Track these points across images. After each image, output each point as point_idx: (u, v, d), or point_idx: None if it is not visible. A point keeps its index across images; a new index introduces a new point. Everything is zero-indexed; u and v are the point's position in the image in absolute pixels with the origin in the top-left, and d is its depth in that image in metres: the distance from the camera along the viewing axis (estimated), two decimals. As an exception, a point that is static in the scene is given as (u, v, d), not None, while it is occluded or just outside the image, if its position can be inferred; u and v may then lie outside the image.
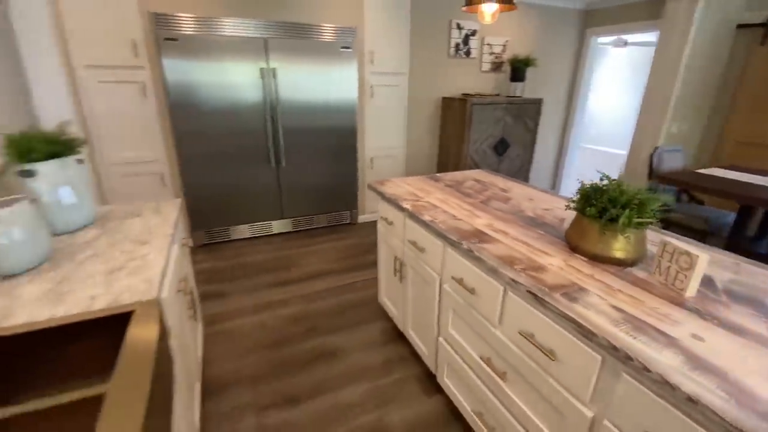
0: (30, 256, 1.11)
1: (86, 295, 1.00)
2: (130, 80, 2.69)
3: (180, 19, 2.65)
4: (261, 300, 2.46)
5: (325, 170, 3.47)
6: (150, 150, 2.89)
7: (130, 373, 0.74)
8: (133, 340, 0.83)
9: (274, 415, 1.63)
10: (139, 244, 1.30)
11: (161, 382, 0.84)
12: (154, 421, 0.72)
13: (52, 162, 1.32)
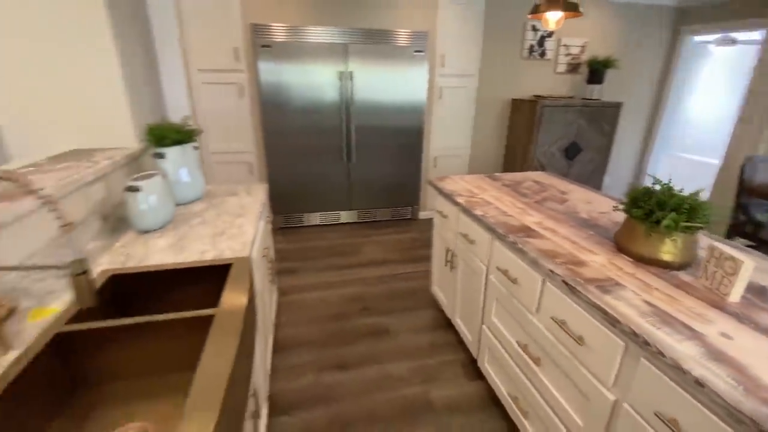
0: (161, 218, 1.46)
1: (198, 249, 1.30)
2: (230, 82, 3.15)
3: (274, 29, 3.03)
4: (325, 279, 2.74)
5: (391, 167, 3.68)
6: (242, 142, 3.34)
7: (232, 302, 0.99)
8: (233, 281, 1.09)
9: (329, 376, 1.87)
10: (236, 217, 1.61)
11: (249, 317, 1.09)
12: (245, 339, 0.96)
13: (177, 147, 1.68)
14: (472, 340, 1.85)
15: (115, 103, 1.72)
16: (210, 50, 2.99)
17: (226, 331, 0.89)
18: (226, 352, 0.82)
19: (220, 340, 0.86)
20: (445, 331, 2.20)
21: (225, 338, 0.87)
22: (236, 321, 0.93)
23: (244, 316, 0.95)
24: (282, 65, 3.12)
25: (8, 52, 1.55)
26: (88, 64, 1.64)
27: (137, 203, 1.38)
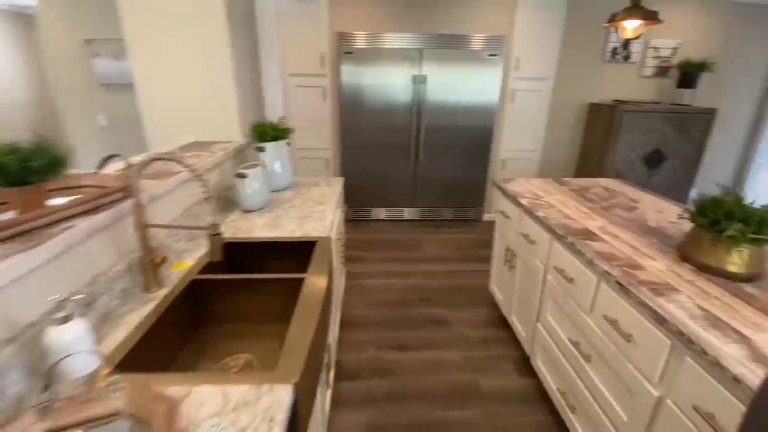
0: (260, 201, 1.76)
1: (289, 228, 1.57)
2: (315, 85, 3.49)
3: (356, 36, 3.30)
4: (388, 269, 2.94)
5: (458, 168, 3.78)
6: (322, 140, 3.68)
7: (317, 270, 1.22)
8: (317, 255, 1.32)
9: (388, 354, 2.06)
10: (318, 204, 1.86)
11: (329, 285, 1.32)
12: (326, 300, 1.17)
13: (274, 143, 1.99)
14: (526, 337, 1.92)
15: (227, 104, 2.08)
16: (300, 57, 3.35)
17: (314, 292, 1.11)
18: (314, 308, 1.04)
19: (309, 299, 1.08)
20: (499, 328, 2.28)
21: (313, 297, 1.09)
22: (321, 285, 1.15)
23: (327, 282, 1.17)
24: (361, 70, 3.38)
25: (150, 66, 1.96)
26: (210, 74, 2.00)
27: (244, 187, 1.69)
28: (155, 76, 2.00)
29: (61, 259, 0.87)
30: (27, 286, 0.78)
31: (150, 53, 1.96)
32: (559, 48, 3.46)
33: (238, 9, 2.06)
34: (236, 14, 2.04)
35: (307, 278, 1.18)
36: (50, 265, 0.84)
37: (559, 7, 3.32)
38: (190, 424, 0.68)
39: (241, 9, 2.11)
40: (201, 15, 1.90)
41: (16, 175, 0.89)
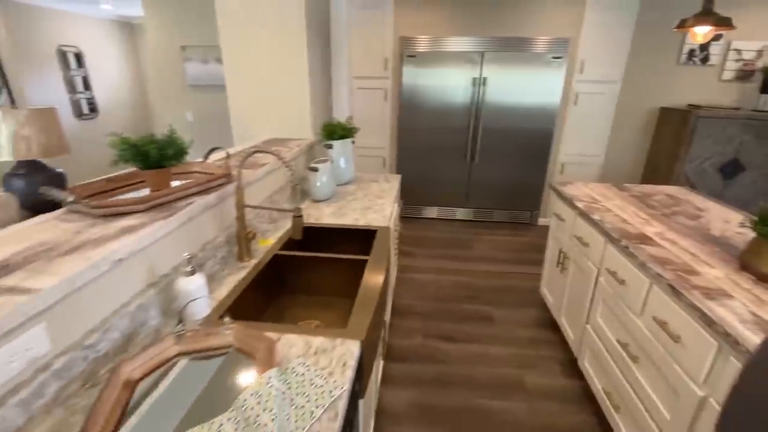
0: (327, 192, 1.96)
1: (353, 217, 1.74)
2: (377, 87, 3.68)
3: (418, 40, 3.43)
4: (438, 265, 3.05)
5: (514, 170, 3.77)
6: (380, 139, 3.87)
7: (378, 254, 1.38)
8: (378, 241, 1.48)
9: (434, 343, 2.18)
10: (378, 198, 2.03)
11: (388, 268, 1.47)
12: (386, 280, 1.33)
13: (341, 141, 2.19)
14: (575, 339, 1.94)
15: (301, 105, 2.31)
16: (365, 61, 3.56)
17: (375, 273, 1.27)
18: (376, 286, 1.19)
19: (372, 278, 1.24)
20: (547, 330, 2.30)
21: (375, 277, 1.24)
22: (382, 267, 1.30)
23: (386, 265, 1.33)
24: (421, 72, 3.52)
25: (238, 71, 2.25)
26: (288, 78, 2.25)
27: (315, 180, 1.90)
28: (242, 80, 2.28)
29: (185, 227, 1.10)
30: (163, 245, 1.02)
31: (239, 60, 2.24)
32: (629, 50, 3.33)
33: (315, 21, 2.29)
34: (314, 26, 2.27)
35: (369, 260, 1.34)
36: (178, 231, 1.08)
37: (630, 8, 3.20)
38: (283, 359, 0.87)
39: (317, 20, 2.33)
40: (284, 27, 2.15)
41: (154, 160, 1.14)
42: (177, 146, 1.18)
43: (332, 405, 0.75)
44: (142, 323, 0.94)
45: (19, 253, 0.81)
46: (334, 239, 1.66)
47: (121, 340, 0.88)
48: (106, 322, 0.84)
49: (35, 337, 0.69)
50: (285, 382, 0.78)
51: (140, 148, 1.12)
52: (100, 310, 0.83)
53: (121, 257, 0.86)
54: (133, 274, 0.92)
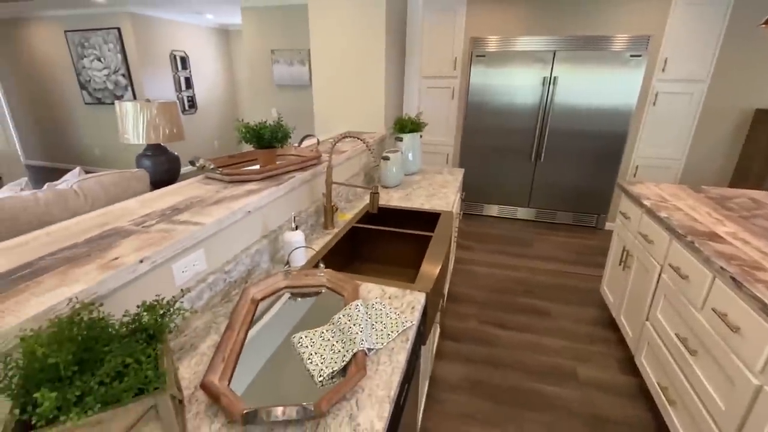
0: (396, 180, 2.17)
1: (418, 202, 1.93)
2: (445, 86, 3.83)
3: (489, 40, 3.52)
4: (495, 260, 3.12)
5: (582, 171, 3.69)
6: (445, 136, 4.01)
7: (441, 233, 1.55)
8: (441, 223, 1.65)
9: (488, 329, 2.28)
10: (441, 187, 2.19)
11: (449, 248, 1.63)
12: (446, 256, 1.49)
13: (411, 135, 2.38)
14: (633, 336, 1.94)
15: (377, 102, 2.55)
16: (435, 60, 3.73)
17: (438, 246, 1.44)
18: (439, 256, 1.36)
19: (436, 249, 1.41)
20: (605, 328, 2.29)
21: (438, 249, 1.41)
22: (445, 242, 1.47)
23: (448, 242, 1.49)
24: (490, 72, 3.59)
25: (323, 71, 2.54)
26: (366, 78, 2.49)
27: (386, 167, 2.12)
28: (326, 80, 2.58)
29: (288, 195, 1.37)
30: (274, 207, 1.29)
31: (325, 63, 2.54)
32: (719, 47, 3.11)
33: (393, 26, 2.51)
34: (391, 31, 2.49)
35: (434, 236, 1.51)
36: (283, 197, 1.34)
37: (721, 2, 3.00)
38: (363, 298, 1.08)
39: (395, 25, 2.55)
40: (366, 35, 2.40)
41: (266, 141, 1.42)
42: (284, 131, 1.45)
43: (404, 332, 0.94)
44: (257, 264, 1.21)
45: (181, 202, 1.11)
46: (402, 219, 1.86)
47: (245, 273, 1.15)
48: (237, 257, 1.11)
49: (198, 257, 0.97)
50: (367, 313, 0.99)
51: (257, 131, 1.41)
52: (233, 248, 1.11)
53: (249, 210, 1.13)
54: (254, 225, 1.19)
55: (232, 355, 0.83)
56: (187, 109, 5.80)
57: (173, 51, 5.41)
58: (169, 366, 0.61)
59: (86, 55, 5.10)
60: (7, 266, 0.75)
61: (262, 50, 4.42)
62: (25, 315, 0.60)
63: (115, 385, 0.52)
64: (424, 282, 1.17)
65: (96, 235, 0.88)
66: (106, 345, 0.56)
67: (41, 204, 1.88)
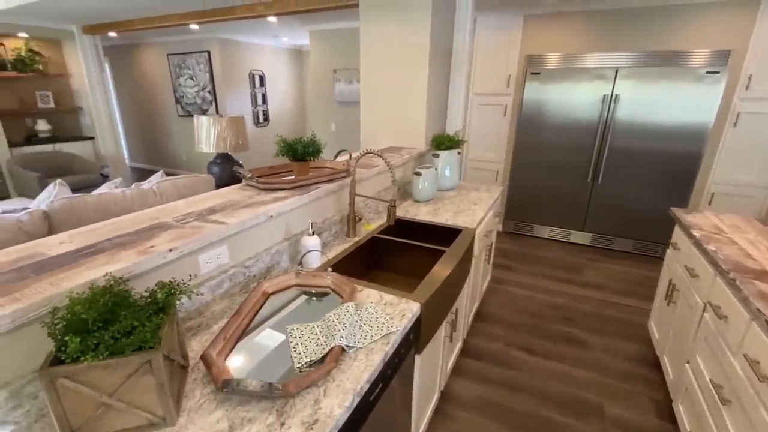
0: (428, 195, 2.24)
1: (444, 217, 1.98)
2: (497, 103, 3.80)
3: (547, 58, 3.44)
4: (536, 283, 3.01)
5: (645, 195, 3.41)
6: (494, 153, 3.97)
7: (456, 250, 1.59)
8: (460, 239, 1.69)
9: (514, 352, 2.22)
10: (473, 204, 2.21)
11: (464, 266, 1.66)
12: (455, 272, 1.53)
13: (447, 151, 2.44)
14: (673, 378, 1.77)
15: (418, 120, 2.65)
16: (488, 78, 3.74)
17: (448, 261, 1.48)
18: (445, 270, 1.41)
19: (444, 264, 1.46)
20: (647, 366, 2.10)
21: (447, 264, 1.46)
22: (456, 258, 1.51)
23: (459, 259, 1.53)
24: (545, 89, 3.51)
25: (370, 90, 2.71)
26: (409, 98, 2.61)
27: (418, 183, 2.20)
28: (372, 99, 2.74)
29: (313, 203, 1.52)
30: (298, 214, 1.45)
31: (372, 84, 2.71)
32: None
33: (439, 49, 2.61)
34: (437, 53, 2.59)
35: (447, 251, 1.56)
36: (308, 205, 1.50)
37: (827, 11, 2.63)
38: (360, 302, 1.17)
39: (442, 47, 2.65)
40: (410, 60, 2.52)
41: (300, 154, 1.60)
42: (315, 146, 1.62)
43: (386, 336, 1.02)
44: (277, 263, 1.37)
45: (219, 204, 1.31)
46: (424, 233, 1.93)
47: (264, 269, 1.31)
48: (257, 255, 1.28)
49: (222, 252, 1.15)
50: (358, 313, 1.08)
51: (291, 145, 1.59)
52: (255, 247, 1.27)
53: (272, 215, 1.29)
54: (277, 228, 1.36)
55: (233, 336, 0.97)
56: (261, 122, 6.41)
57: (252, 70, 6.05)
58: (169, 334, 0.77)
59: (182, 74, 5.92)
60: (78, 245, 0.97)
61: (325, 69, 4.77)
62: (76, 282, 0.79)
63: (123, 340, 0.68)
64: (422, 293, 1.24)
65: (145, 227, 1.10)
66: (125, 310, 0.73)
67: (127, 199, 2.27)
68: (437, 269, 1.41)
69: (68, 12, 3.99)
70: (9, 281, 0.80)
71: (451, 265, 1.45)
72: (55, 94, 5.00)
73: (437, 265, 1.43)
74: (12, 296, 0.74)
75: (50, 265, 0.87)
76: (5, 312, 0.70)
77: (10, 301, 0.73)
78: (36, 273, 0.83)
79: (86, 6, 3.68)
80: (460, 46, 2.73)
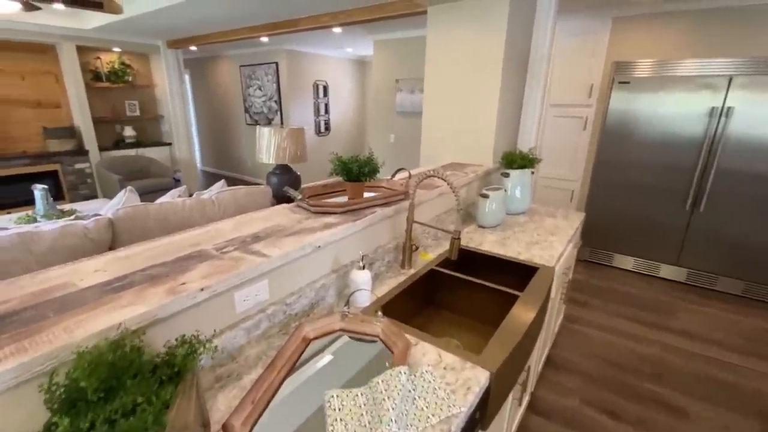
0: (495, 220, 1.98)
1: (515, 249, 1.71)
2: (576, 116, 3.41)
3: (638, 65, 3.00)
4: (617, 325, 2.58)
5: (762, 228, 2.82)
6: (571, 171, 3.55)
7: (533, 293, 1.32)
8: (537, 280, 1.42)
9: (592, 413, 1.87)
10: (549, 234, 1.91)
11: (541, 314, 1.39)
12: (534, 323, 1.26)
13: (520, 171, 2.16)
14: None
15: (486, 134, 2.40)
16: (567, 88, 3.37)
17: (524, 312, 1.23)
18: (522, 325, 1.16)
19: (519, 316, 1.21)
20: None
21: (523, 316, 1.21)
22: (533, 307, 1.25)
23: (540, 306, 1.26)
24: (636, 100, 3.06)
25: (434, 101, 2.51)
26: (479, 108, 2.37)
27: (484, 206, 1.96)
28: (437, 111, 2.55)
29: (366, 230, 1.35)
30: (349, 242, 1.29)
31: (435, 90, 2.51)
32: None
33: (513, 57, 2.34)
34: (511, 62, 2.33)
35: (522, 297, 1.30)
36: (361, 232, 1.33)
37: None
38: (414, 362, 0.97)
39: (517, 55, 2.38)
40: (481, 64, 2.29)
41: (354, 175, 1.44)
42: (371, 165, 1.46)
43: (447, 419, 0.81)
44: (322, 298, 1.21)
45: (265, 229, 1.19)
46: (491, 268, 1.67)
47: (308, 306, 1.17)
48: (301, 290, 1.13)
49: (261, 288, 1.01)
50: (412, 382, 0.88)
51: (346, 164, 1.44)
52: (298, 281, 1.13)
53: (320, 245, 1.14)
54: (325, 259, 1.20)
55: (263, 398, 0.82)
56: (322, 131, 6.50)
57: (317, 81, 6.15)
58: (184, 407, 0.62)
59: (251, 84, 6.18)
60: (110, 276, 0.89)
61: (388, 79, 4.67)
62: (91, 329, 0.68)
63: (122, 422, 0.54)
64: (492, 356, 1.00)
65: (183, 256, 1.00)
66: (134, 376, 0.61)
67: (186, 209, 2.29)
68: (510, 322, 1.16)
69: (154, 27, 4.31)
70: (26, 321, 0.71)
71: (529, 315, 1.19)
72: (141, 103, 5.46)
73: (510, 316, 1.19)
74: (21, 344, 0.65)
75: (75, 302, 0.78)
76: (9, 366, 0.60)
77: (18, 351, 0.63)
78: (56, 313, 0.74)
79: (167, 22, 3.94)
80: (539, 53, 2.44)
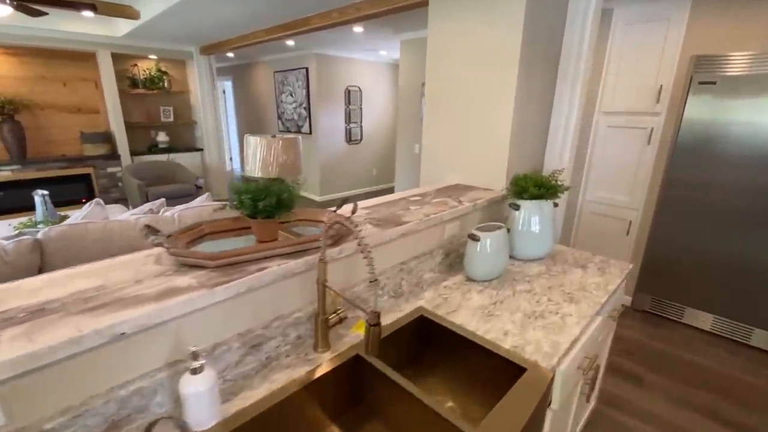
0: (488, 272, 1.42)
1: (502, 326, 1.15)
2: (638, 126, 2.66)
3: (727, 60, 2.22)
4: (680, 418, 1.83)
5: None
6: (628, 194, 2.80)
7: (509, 416, 0.78)
8: (520, 391, 0.86)
9: None
10: (567, 301, 1.31)
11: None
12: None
13: (534, 202, 1.57)
14: None
15: (498, 154, 1.83)
16: (623, 90, 2.64)
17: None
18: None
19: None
20: None
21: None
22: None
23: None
24: (724, 105, 2.27)
25: (435, 112, 1.99)
26: (488, 118, 1.82)
27: (474, 251, 1.41)
28: (437, 117, 2.03)
29: (236, 299, 0.89)
30: (208, 317, 0.84)
31: (436, 94, 2.00)
32: None
33: (540, 46, 1.76)
34: (535, 53, 1.75)
35: (484, 422, 0.76)
36: (234, 300, 0.88)
37: None
38: None
39: (544, 43, 1.79)
40: (491, 58, 1.74)
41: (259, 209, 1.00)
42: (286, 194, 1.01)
43: None
44: (138, 409, 0.78)
45: (80, 292, 0.80)
46: (461, 349, 1.13)
47: (103, 427, 0.74)
48: (84, 404, 0.71)
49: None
50: None
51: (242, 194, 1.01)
52: (84, 388, 0.71)
53: (125, 331, 0.71)
54: (149, 349, 0.77)
55: None
56: (354, 139, 6.17)
57: (348, 86, 5.84)
58: None
59: (284, 90, 6.04)
60: None
61: (413, 83, 4.19)
62: None
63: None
64: None
65: None
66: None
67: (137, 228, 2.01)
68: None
69: (173, 32, 4.26)
70: None
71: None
72: (175, 108, 5.54)
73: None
74: None
75: None
76: None
77: None
78: None
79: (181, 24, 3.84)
80: (574, 46, 1.83)
